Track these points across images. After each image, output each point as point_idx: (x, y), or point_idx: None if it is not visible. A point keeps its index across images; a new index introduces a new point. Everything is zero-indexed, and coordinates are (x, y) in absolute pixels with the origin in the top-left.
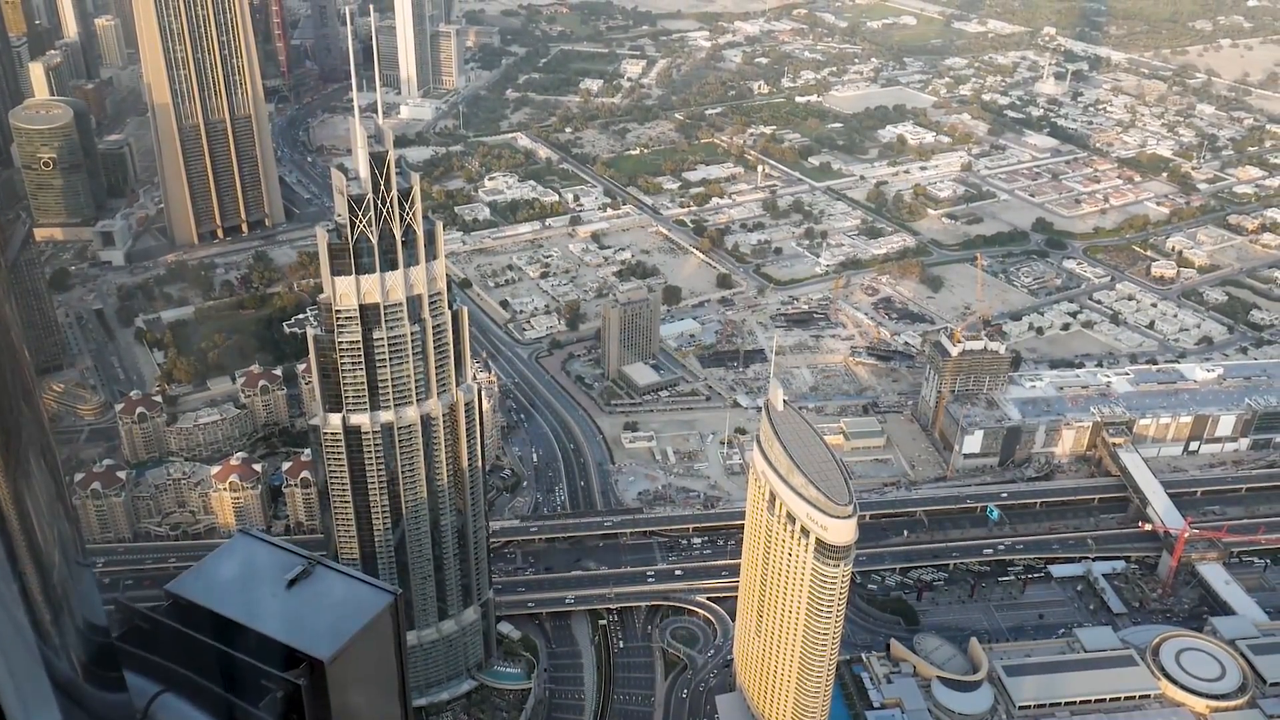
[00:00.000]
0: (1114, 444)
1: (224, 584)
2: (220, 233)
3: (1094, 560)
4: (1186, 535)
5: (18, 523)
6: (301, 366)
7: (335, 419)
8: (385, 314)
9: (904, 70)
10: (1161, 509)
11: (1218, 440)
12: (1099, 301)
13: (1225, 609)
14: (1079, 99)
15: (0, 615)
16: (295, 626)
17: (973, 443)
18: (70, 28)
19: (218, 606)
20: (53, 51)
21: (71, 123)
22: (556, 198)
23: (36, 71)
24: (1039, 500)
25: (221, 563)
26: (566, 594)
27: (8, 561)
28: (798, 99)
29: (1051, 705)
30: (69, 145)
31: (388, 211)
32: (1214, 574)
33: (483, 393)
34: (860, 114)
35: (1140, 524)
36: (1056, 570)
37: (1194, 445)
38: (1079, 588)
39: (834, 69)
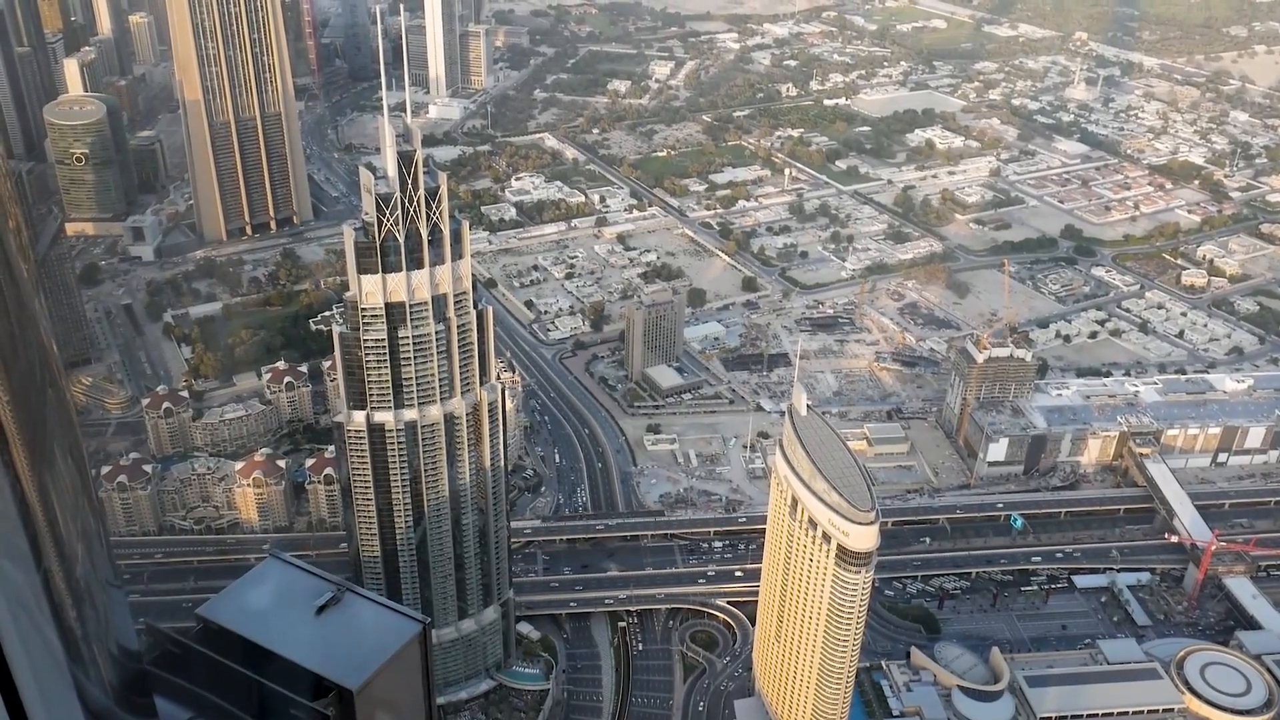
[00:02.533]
0: (1141, 454)
1: (254, 609)
2: (249, 229)
3: (1119, 571)
4: (1213, 548)
5: (42, 514)
6: (327, 363)
7: (359, 416)
8: (410, 312)
9: (933, 74)
10: (1188, 521)
11: (1247, 452)
12: (1128, 310)
13: (1252, 623)
14: (1110, 105)
15: (31, 634)
16: (325, 655)
17: (997, 450)
18: (104, 24)
19: (248, 633)
20: (87, 48)
21: (104, 119)
22: (583, 198)
23: (71, 67)
24: (1064, 510)
25: (252, 588)
26: (586, 595)
27: (31, 553)
28: (826, 102)
29: (1073, 717)
30: (101, 141)
31: (415, 210)
32: (1241, 588)
33: (506, 393)
34: (889, 117)
35: (1166, 535)
36: (1080, 581)
37: (1222, 457)
38: (1103, 599)
39: (863, 72)
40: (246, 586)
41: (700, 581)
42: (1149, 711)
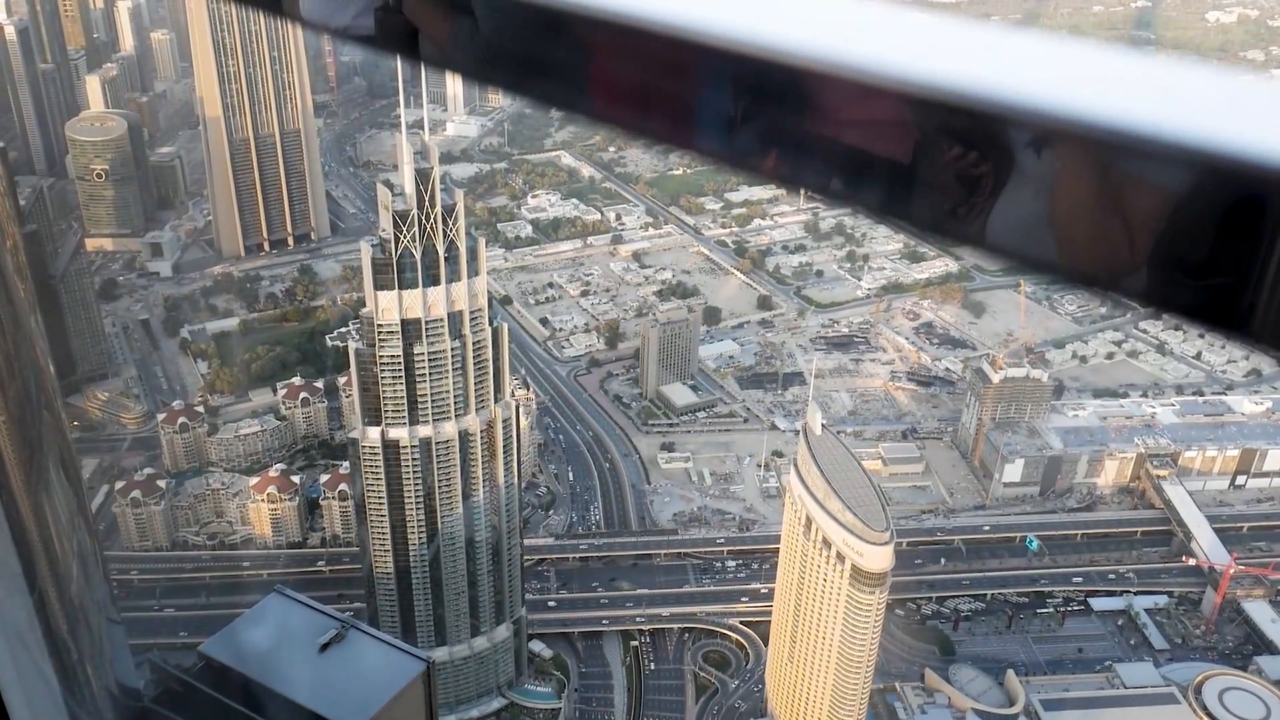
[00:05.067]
0: (1158, 476)
1: (257, 647)
2: (266, 245)
3: (1135, 594)
4: (1232, 571)
5: (37, 534)
6: (342, 380)
7: (374, 432)
8: (426, 329)
9: None
10: (1206, 544)
11: (1266, 474)
12: (1145, 330)
13: (1271, 648)
14: None
15: (27, 667)
16: (327, 695)
17: (1013, 471)
18: (126, 41)
19: (251, 671)
20: (109, 65)
21: (125, 135)
22: (598, 216)
23: (93, 84)
24: (1080, 531)
25: (255, 624)
26: (599, 613)
27: (25, 575)
28: None
29: None
30: (121, 157)
31: (431, 227)
32: (1260, 612)
33: (520, 410)
34: None
35: (1184, 558)
36: (1097, 603)
37: (1241, 479)
38: (1120, 622)
39: None
40: (249, 623)
41: (713, 601)
42: None
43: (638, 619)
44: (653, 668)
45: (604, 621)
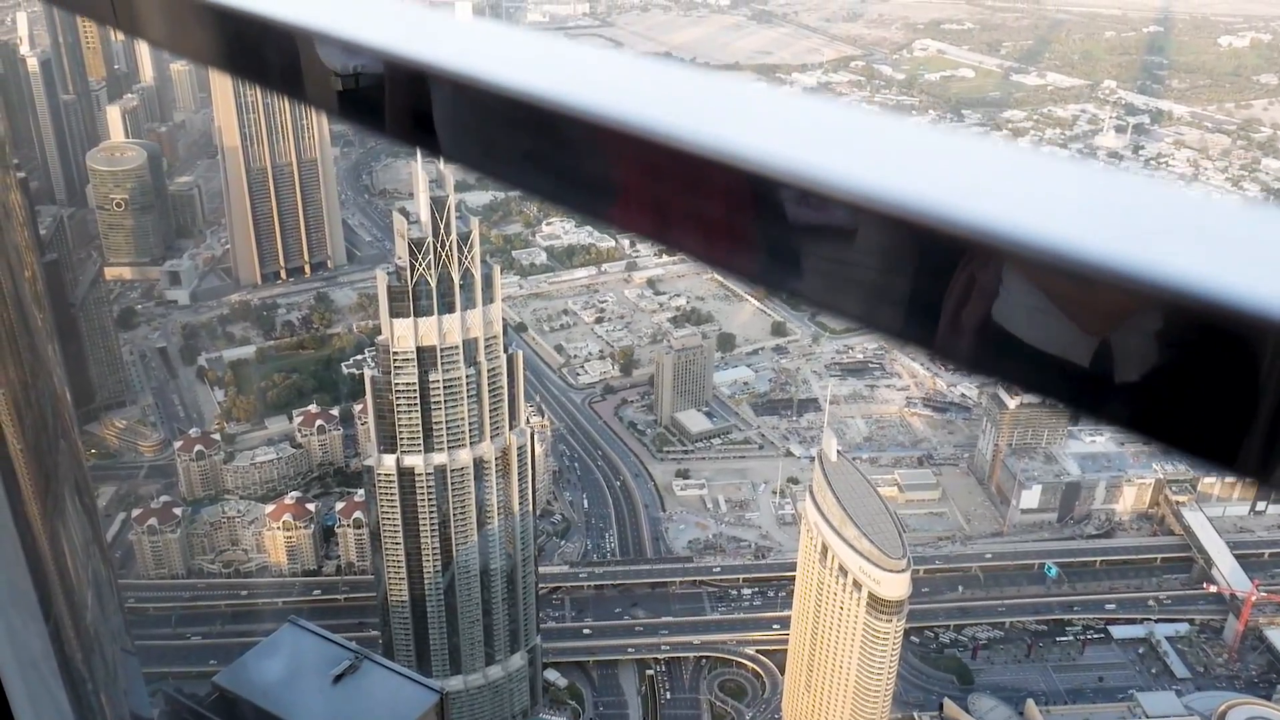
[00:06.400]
0: (1177, 502)
1: (271, 678)
2: (283, 274)
3: (1156, 622)
4: (1254, 598)
5: (53, 563)
6: (358, 407)
7: (389, 460)
8: (441, 356)
9: (962, 123)
10: (1227, 570)
11: None
12: None
13: None
14: (1140, 153)
15: (41, 695)
16: None
17: (1030, 498)
18: (146, 72)
19: (264, 702)
20: (130, 95)
21: (144, 165)
22: (613, 243)
23: (113, 114)
24: (1099, 558)
25: (269, 655)
26: (614, 642)
27: (40, 603)
28: None
29: None
30: (141, 187)
31: (446, 255)
32: None
33: (535, 437)
34: None
35: (1205, 585)
36: (1117, 631)
37: (1261, 505)
38: (1140, 650)
39: None
40: (263, 654)
41: (729, 629)
42: None
43: (652, 647)
44: (669, 697)
45: (629, 650)
